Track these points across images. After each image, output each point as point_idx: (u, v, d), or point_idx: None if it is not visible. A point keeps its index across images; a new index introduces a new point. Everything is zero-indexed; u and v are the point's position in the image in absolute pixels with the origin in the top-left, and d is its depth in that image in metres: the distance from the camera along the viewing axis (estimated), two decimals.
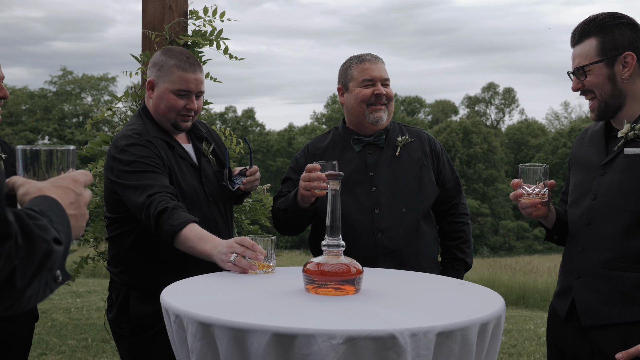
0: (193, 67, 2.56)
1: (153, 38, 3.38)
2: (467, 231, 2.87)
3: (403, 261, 2.63)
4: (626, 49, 2.12)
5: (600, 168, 2.19)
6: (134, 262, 2.53)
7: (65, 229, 1.06)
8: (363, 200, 2.69)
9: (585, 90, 2.19)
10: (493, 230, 45.51)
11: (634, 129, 2.11)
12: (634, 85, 2.14)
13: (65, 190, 1.17)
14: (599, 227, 2.14)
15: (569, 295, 2.23)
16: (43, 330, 6.51)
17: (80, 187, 1.21)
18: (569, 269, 2.26)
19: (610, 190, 2.13)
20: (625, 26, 2.13)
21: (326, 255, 1.88)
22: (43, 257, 0.94)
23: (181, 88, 2.53)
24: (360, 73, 2.80)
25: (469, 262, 2.85)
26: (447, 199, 2.85)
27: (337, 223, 1.89)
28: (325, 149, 2.84)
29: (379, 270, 2.34)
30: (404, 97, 66.63)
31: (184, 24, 3.53)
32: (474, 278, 11.72)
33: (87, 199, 1.22)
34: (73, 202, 1.17)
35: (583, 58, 2.16)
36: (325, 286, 1.84)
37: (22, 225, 0.91)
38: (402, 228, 2.66)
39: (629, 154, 2.10)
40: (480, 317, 1.59)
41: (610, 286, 2.09)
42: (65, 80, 51.97)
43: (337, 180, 1.89)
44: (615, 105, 2.16)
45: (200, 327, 1.55)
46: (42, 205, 1.06)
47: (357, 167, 2.76)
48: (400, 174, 2.75)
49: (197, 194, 2.56)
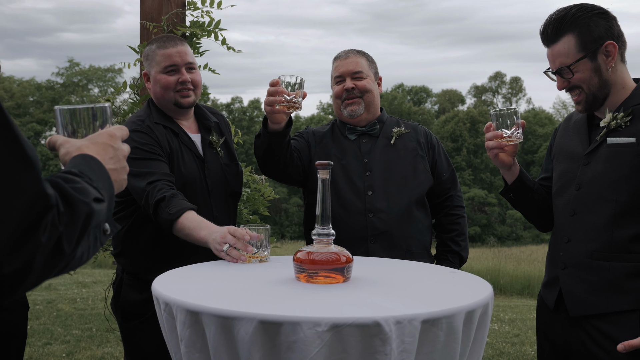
0: (173, 42, 2.61)
1: (151, 29, 3.39)
2: (462, 224, 2.88)
3: (393, 243, 2.67)
4: (604, 38, 2.11)
5: (584, 157, 2.19)
6: (127, 247, 2.59)
7: (106, 185, 1.10)
8: (357, 182, 2.73)
9: (572, 87, 2.18)
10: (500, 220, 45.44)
11: (616, 118, 2.11)
12: (617, 72, 2.14)
13: (103, 146, 1.21)
14: (584, 217, 2.15)
15: (556, 286, 2.24)
16: (48, 320, 6.57)
17: (118, 142, 1.25)
18: (555, 259, 2.26)
19: (594, 180, 2.13)
20: (597, 16, 2.12)
21: (316, 244, 1.90)
22: (85, 219, 0.97)
23: (166, 65, 2.58)
24: (333, 71, 2.90)
25: (463, 256, 2.86)
26: (443, 191, 2.87)
27: (327, 212, 1.90)
28: (323, 135, 2.88)
29: (371, 259, 2.36)
30: (410, 86, 66.44)
31: (182, 15, 3.53)
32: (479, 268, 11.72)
33: (125, 152, 1.26)
34: (112, 156, 1.21)
35: (565, 57, 2.13)
36: (315, 275, 1.85)
37: (61, 192, 0.94)
38: (393, 211, 2.69)
39: (611, 144, 2.10)
40: (466, 305, 1.60)
41: (597, 276, 2.10)
42: (73, 72, 52.09)
43: (327, 169, 1.89)
44: (602, 97, 2.15)
45: (188, 314, 1.57)
46: (80, 166, 1.09)
47: (352, 154, 2.80)
48: (394, 161, 2.78)
49: (196, 183, 2.58)
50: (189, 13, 3.57)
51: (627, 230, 2.05)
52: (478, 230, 42.09)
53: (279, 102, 2.29)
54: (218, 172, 2.67)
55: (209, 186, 2.62)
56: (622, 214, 2.06)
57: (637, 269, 2.04)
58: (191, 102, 2.64)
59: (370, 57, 2.91)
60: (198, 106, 2.77)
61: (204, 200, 2.58)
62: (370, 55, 2.92)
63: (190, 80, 2.60)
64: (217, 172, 2.67)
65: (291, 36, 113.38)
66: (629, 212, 2.05)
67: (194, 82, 2.63)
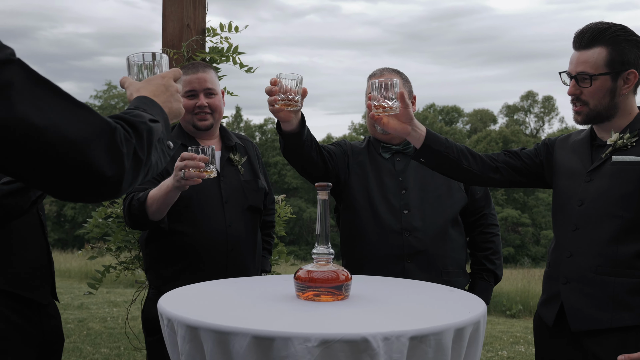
0: (195, 68, 2.82)
1: (171, 55, 3.52)
2: (497, 242, 2.90)
3: (429, 262, 2.69)
4: (631, 65, 2.15)
5: (587, 175, 2.22)
6: (148, 259, 2.82)
7: (158, 111, 1.42)
8: (393, 201, 2.75)
9: (580, 100, 2.21)
10: (534, 240, 44.75)
11: (622, 138, 2.16)
12: (626, 100, 2.20)
13: (156, 86, 1.52)
14: (588, 233, 2.17)
15: (556, 302, 2.25)
16: (78, 338, 6.71)
17: (169, 80, 1.55)
18: (555, 275, 2.28)
19: (599, 196, 2.16)
20: (634, 43, 2.16)
21: (316, 263, 1.97)
22: (147, 133, 1.28)
23: (186, 89, 2.80)
24: (368, 88, 2.89)
25: (498, 274, 2.88)
26: (477, 209, 2.89)
27: (326, 231, 1.97)
28: (360, 151, 2.90)
29: (373, 278, 2.40)
30: (441, 106, 66.26)
31: (202, 42, 3.66)
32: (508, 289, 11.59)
33: (176, 88, 1.56)
34: (163, 91, 1.52)
35: (590, 65, 2.16)
36: (314, 292, 1.92)
37: (122, 119, 1.26)
38: (429, 230, 2.71)
39: (617, 161, 2.14)
40: (455, 322, 1.64)
41: (601, 291, 2.12)
42: (110, 95, 53.18)
43: (326, 190, 1.97)
44: (605, 116, 2.20)
45: (188, 330, 1.65)
46: (136, 103, 1.43)
47: (387, 172, 2.82)
48: (429, 180, 2.80)
49: (209, 193, 2.75)
50: (208, 39, 3.70)
51: (632, 246, 2.08)
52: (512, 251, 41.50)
53: (276, 101, 2.28)
54: (236, 185, 2.84)
55: (224, 197, 2.77)
56: (627, 230, 2.09)
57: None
58: (208, 125, 2.83)
59: (404, 75, 2.95)
60: (224, 128, 2.97)
61: (217, 210, 2.75)
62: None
63: (207, 104, 2.81)
64: (234, 185, 2.83)
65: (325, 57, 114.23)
66: (634, 229, 2.09)
67: (212, 107, 2.82)
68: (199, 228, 2.70)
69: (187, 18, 3.58)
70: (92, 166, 1.12)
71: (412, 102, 2.93)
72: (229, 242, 2.73)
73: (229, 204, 2.78)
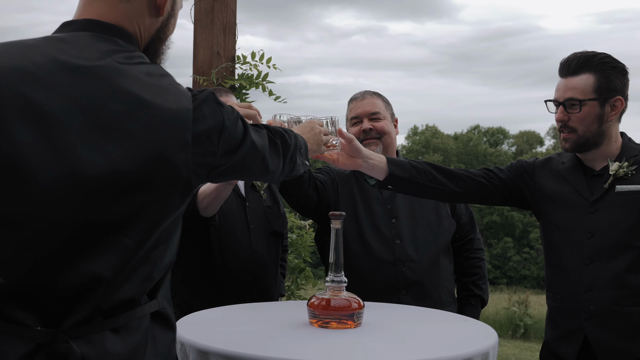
0: (218, 93, 2.78)
1: (201, 82, 3.62)
2: (482, 267, 2.86)
3: (424, 293, 2.63)
4: (618, 92, 2.19)
5: (590, 205, 2.20)
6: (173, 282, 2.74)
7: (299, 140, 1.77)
8: (384, 231, 2.69)
9: (568, 127, 2.23)
10: None
11: (622, 167, 2.16)
12: (612, 127, 2.23)
13: (303, 127, 1.99)
14: (604, 265, 2.15)
15: (577, 337, 2.21)
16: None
17: (314, 124, 2.02)
18: (571, 310, 2.23)
19: (610, 228, 2.15)
20: (619, 71, 2.20)
21: (329, 291, 1.99)
22: (284, 144, 1.62)
23: None
24: (350, 112, 2.89)
25: (485, 299, 2.84)
26: (462, 234, 2.84)
27: (340, 260, 2.00)
28: (347, 177, 2.85)
29: (386, 305, 2.39)
30: (486, 128, 65.68)
31: (231, 69, 3.75)
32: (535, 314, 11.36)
33: (320, 129, 2.01)
34: (308, 131, 1.96)
35: (579, 91, 2.19)
36: (327, 320, 1.94)
37: (267, 128, 1.60)
38: (423, 260, 2.65)
39: (622, 191, 2.14)
40: (463, 353, 1.64)
41: (626, 322, 2.11)
42: None
43: (339, 220, 1.99)
44: (592, 143, 2.22)
45: (199, 354, 1.68)
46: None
47: (376, 200, 2.77)
48: (418, 207, 2.75)
49: (235, 218, 2.72)
50: (238, 66, 3.79)
51: None
52: None
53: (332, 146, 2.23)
54: (260, 211, 2.82)
55: (250, 222, 2.76)
56: None
57: None
58: None
59: (385, 98, 2.91)
60: None
61: (243, 234, 2.72)
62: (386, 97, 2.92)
63: None
64: (258, 211, 2.82)
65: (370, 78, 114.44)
66: None
67: None
68: (227, 252, 2.68)
69: (217, 45, 3.68)
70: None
71: (395, 124, 2.90)
72: (256, 267, 2.71)
73: (254, 229, 2.77)
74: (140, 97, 1.22)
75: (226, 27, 3.74)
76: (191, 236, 2.64)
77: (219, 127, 1.34)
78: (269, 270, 2.81)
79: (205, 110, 1.32)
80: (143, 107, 1.22)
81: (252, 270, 2.71)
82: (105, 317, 1.22)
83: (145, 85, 1.25)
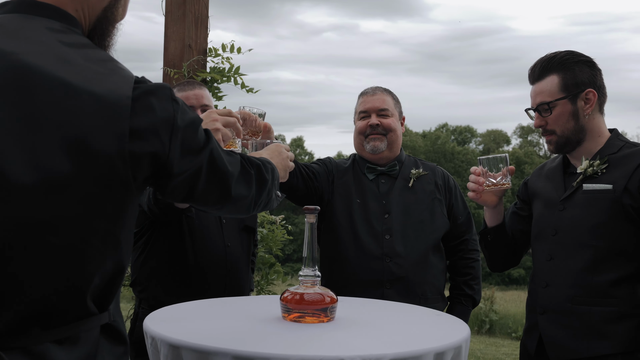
0: (191, 86, 2.82)
1: (172, 75, 3.58)
2: (476, 267, 2.89)
3: (409, 289, 2.67)
4: (587, 85, 2.20)
5: (559, 203, 2.23)
6: (143, 277, 2.72)
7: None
8: (375, 225, 2.74)
9: (547, 130, 2.26)
10: None
11: (592, 166, 2.17)
12: (593, 121, 2.23)
13: (271, 151, 1.86)
14: (563, 263, 2.18)
15: (536, 331, 2.25)
16: None
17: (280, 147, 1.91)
18: (533, 304, 2.28)
19: (572, 226, 2.17)
20: (584, 64, 2.22)
21: (302, 285, 1.98)
22: (259, 177, 1.53)
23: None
24: (359, 106, 2.94)
25: (476, 299, 2.88)
26: (458, 234, 2.88)
27: (314, 254, 1.99)
28: (345, 170, 2.90)
29: (361, 300, 2.40)
30: (454, 126, 66.28)
31: (203, 62, 3.71)
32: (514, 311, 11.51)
33: (287, 154, 1.91)
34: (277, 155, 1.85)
35: (546, 94, 2.22)
36: (300, 314, 1.93)
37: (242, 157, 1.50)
38: (410, 256, 2.70)
39: (588, 190, 2.15)
40: (435, 346, 1.65)
41: (578, 321, 2.12)
42: None
43: (314, 214, 1.99)
44: (575, 141, 2.23)
45: (170, 349, 1.66)
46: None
47: (371, 194, 2.81)
48: (413, 204, 2.79)
49: (208, 214, 2.70)
50: (210, 59, 3.75)
51: (607, 276, 2.08)
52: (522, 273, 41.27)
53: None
54: None
55: (222, 217, 2.76)
56: (601, 259, 2.10)
57: (617, 313, 2.06)
58: None
59: (395, 96, 2.96)
60: None
61: (216, 229, 2.72)
62: (396, 94, 2.97)
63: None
64: None
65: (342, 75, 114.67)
66: (608, 258, 2.09)
67: None
68: (199, 248, 2.67)
69: (189, 38, 3.64)
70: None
71: (402, 122, 2.95)
72: (228, 262, 2.71)
73: (226, 224, 2.77)
74: (70, 83, 1.12)
75: (198, 20, 3.70)
76: (164, 230, 2.62)
77: (168, 124, 1.21)
78: (241, 265, 2.80)
79: (152, 102, 1.20)
80: (72, 95, 1.11)
81: (224, 265, 2.70)
82: (44, 328, 1.13)
83: (78, 70, 1.15)
